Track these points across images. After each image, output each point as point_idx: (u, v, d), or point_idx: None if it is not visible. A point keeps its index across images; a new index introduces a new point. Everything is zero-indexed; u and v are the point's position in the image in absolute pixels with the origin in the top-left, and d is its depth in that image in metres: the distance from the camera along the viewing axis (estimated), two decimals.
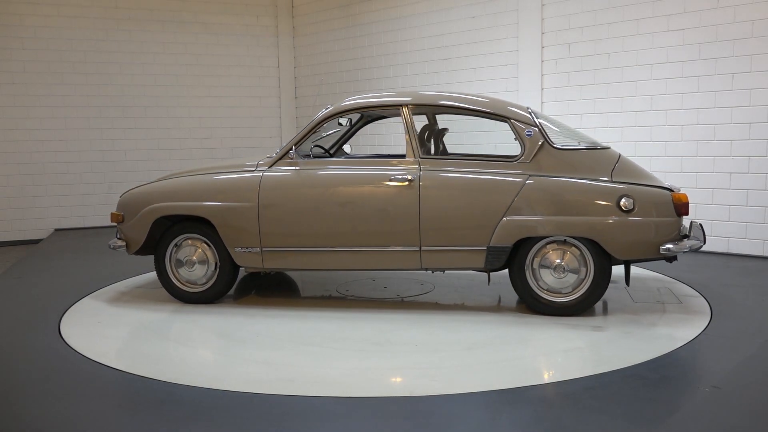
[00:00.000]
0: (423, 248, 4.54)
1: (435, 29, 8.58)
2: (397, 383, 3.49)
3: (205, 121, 9.99)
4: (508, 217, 4.39)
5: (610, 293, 4.95)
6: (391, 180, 4.56)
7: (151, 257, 5.10)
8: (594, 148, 4.61)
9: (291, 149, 4.78)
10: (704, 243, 4.43)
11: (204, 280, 5.00)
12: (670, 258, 4.40)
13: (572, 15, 7.29)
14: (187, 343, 4.19)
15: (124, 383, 3.46)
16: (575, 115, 7.34)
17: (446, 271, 4.99)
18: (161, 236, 5.03)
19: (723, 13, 6.32)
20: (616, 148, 6.93)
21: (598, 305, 4.69)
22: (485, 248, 4.44)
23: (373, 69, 9.37)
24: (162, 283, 5.07)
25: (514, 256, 4.48)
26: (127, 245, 5.07)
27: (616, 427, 2.83)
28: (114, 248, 5.15)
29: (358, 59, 9.56)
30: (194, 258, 4.98)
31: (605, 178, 4.39)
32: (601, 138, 7.04)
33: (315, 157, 4.89)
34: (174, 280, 5.04)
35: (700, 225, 4.57)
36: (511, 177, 4.45)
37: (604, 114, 7.17)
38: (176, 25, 9.72)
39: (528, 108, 4.73)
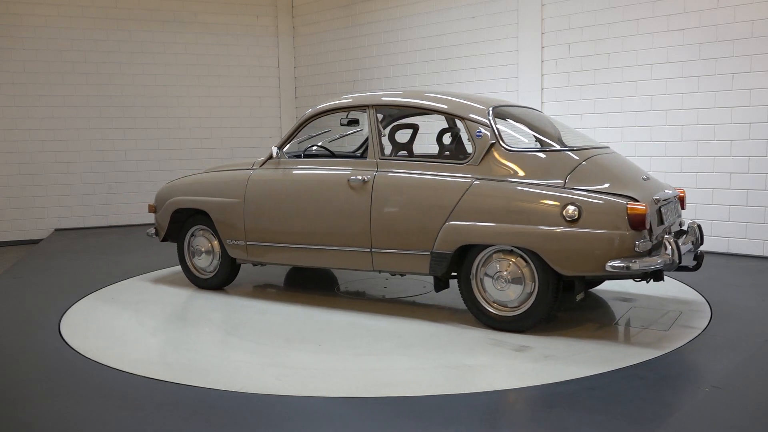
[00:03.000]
0: (374, 250, 4.52)
1: (435, 29, 8.58)
2: (239, 377, 3.49)
3: (205, 121, 10.00)
4: (450, 222, 4.18)
5: (599, 311, 4.60)
6: (348, 180, 4.60)
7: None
8: (559, 150, 4.25)
9: (274, 150, 5.04)
10: (678, 262, 3.85)
11: (211, 269, 5.47)
12: (644, 277, 3.96)
13: (572, 15, 7.29)
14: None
15: (124, 383, 3.46)
16: (575, 115, 7.34)
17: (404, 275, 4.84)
18: (182, 226, 5.57)
19: (723, 13, 6.32)
20: (616, 148, 6.97)
21: (566, 323, 4.33)
22: (429, 253, 4.28)
23: (373, 69, 9.37)
24: (182, 268, 5.64)
25: (462, 264, 4.26)
26: (156, 233, 5.72)
27: (616, 427, 2.83)
28: (150, 236, 5.83)
29: (358, 59, 9.56)
30: (202, 248, 5.47)
31: (557, 183, 3.99)
32: (601, 138, 7.07)
33: (306, 156, 5.12)
34: (190, 266, 5.58)
35: (676, 242, 3.91)
36: (457, 179, 4.23)
37: (604, 114, 7.18)
38: (176, 25, 9.72)
39: (491, 109, 4.40)
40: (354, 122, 5.03)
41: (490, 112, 4.37)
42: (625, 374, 3.43)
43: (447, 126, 5.40)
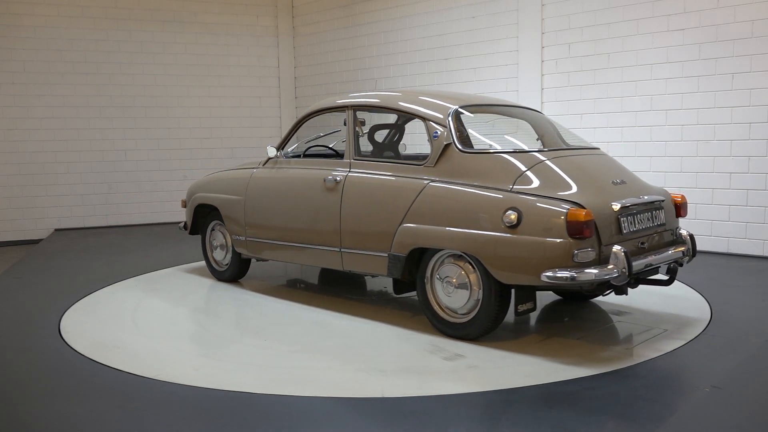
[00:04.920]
0: (342, 249, 4.57)
1: (435, 29, 8.58)
2: (167, 366, 3.68)
3: (205, 121, 9.99)
4: (405, 224, 4.14)
5: (574, 324, 4.31)
6: (324, 180, 4.67)
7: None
8: (520, 151, 4.08)
9: (270, 150, 5.22)
10: (628, 275, 3.58)
11: (225, 262, 5.74)
12: (599, 290, 3.79)
13: (572, 15, 7.29)
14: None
15: (124, 383, 3.46)
16: (575, 115, 7.34)
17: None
18: (204, 221, 5.91)
19: (723, 13, 6.32)
20: (616, 148, 6.99)
21: (521, 333, 4.18)
22: (387, 255, 4.25)
23: (373, 69, 9.37)
24: (204, 261, 5.97)
25: (419, 267, 4.19)
26: (185, 226, 6.05)
27: (616, 427, 2.83)
28: (180, 229, 6.18)
29: (358, 59, 9.56)
30: (217, 242, 5.77)
31: (504, 187, 3.81)
32: (601, 138, 7.07)
33: (304, 156, 5.19)
34: (210, 259, 5.88)
35: (625, 252, 3.59)
36: (413, 181, 4.18)
37: (604, 114, 7.17)
38: (176, 25, 9.72)
39: (455, 109, 4.26)
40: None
41: (451, 113, 4.23)
42: (625, 374, 3.43)
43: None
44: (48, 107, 9.03)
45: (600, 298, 4.81)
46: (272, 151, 5.22)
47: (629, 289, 3.89)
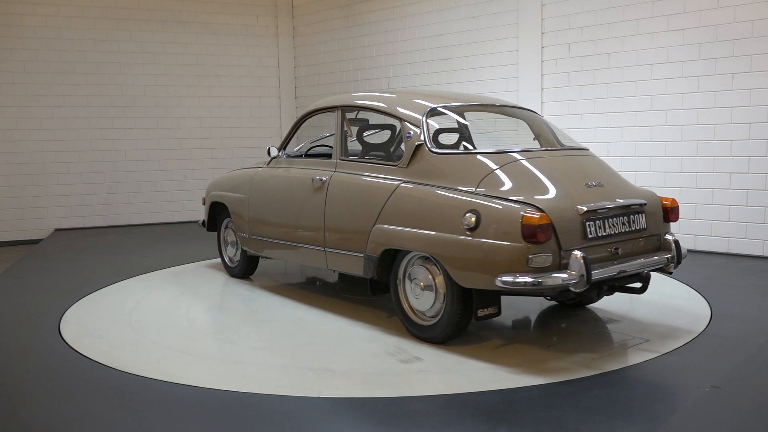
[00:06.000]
0: (327, 249, 4.62)
1: (435, 29, 8.58)
2: (121, 355, 3.86)
3: (205, 121, 9.99)
4: (378, 225, 4.14)
5: (553, 331, 4.23)
6: (312, 181, 4.73)
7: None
8: (489, 151, 3.98)
9: (271, 150, 5.36)
10: (586, 282, 3.41)
11: (236, 258, 5.89)
12: (562, 297, 3.76)
13: (572, 15, 7.29)
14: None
15: (124, 383, 3.46)
16: (575, 115, 7.34)
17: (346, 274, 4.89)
18: (219, 218, 6.08)
19: (723, 13, 6.32)
20: (616, 148, 6.99)
21: (487, 338, 4.08)
22: (363, 255, 4.26)
23: (373, 69, 9.37)
24: (219, 257, 6.17)
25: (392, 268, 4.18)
26: (203, 223, 6.25)
27: (616, 427, 2.83)
28: (199, 226, 6.39)
29: (358, 59, 9.56)
30: (229, 239, 5.97)
31: (468, 188, 3.76)
32: (601, 138, 7.08)
33: (307, 156, 5.27)
34: (224, 255, 6.06)
35: (584, 258, 3.41)
36: (387, 182, 4.19)
37: (604, 114, 7.17)
38: (176, 25, 9.72)
39: (429, 109, 4.25)
40: (360, 121, 5.05)
41: (426, 113, 4.20)
42: (625, 374, 3.44)
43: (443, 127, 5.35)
44: (48, 107, 9.03)
45: (598, 303, 4.74)
46: (274, 151, 5.34)
47: (627, 295, 3.78)
